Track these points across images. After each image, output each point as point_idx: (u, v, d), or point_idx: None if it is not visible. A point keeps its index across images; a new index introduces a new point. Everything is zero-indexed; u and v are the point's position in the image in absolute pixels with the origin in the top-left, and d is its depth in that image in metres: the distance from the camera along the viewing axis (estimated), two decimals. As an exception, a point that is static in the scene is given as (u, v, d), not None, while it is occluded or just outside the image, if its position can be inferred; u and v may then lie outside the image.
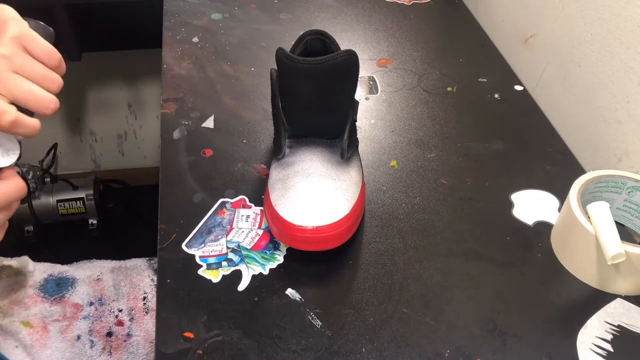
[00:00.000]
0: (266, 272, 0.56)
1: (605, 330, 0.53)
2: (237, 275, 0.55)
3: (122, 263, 0.87)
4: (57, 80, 0.49)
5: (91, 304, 0.79)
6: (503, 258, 0.59)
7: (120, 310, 0.79)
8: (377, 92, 0.81)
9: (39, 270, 0.82)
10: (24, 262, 0.80)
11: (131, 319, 0.78)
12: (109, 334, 0.76)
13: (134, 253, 0.94)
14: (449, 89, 0.83)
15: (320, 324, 0.52)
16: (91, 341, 0.75)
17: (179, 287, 0.54)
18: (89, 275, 0.83)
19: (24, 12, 0.50)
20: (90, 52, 1.43)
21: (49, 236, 1.59)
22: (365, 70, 0.85)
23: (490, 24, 0.97)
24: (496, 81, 0.84)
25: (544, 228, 0.62)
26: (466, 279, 0.57)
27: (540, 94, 0.82)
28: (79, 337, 0.75)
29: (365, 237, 0.60)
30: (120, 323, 0.78)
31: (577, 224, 0.55)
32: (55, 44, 0.51)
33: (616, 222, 0.54)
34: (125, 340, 0.76)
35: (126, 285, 0.82)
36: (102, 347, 0.75)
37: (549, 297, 0.56)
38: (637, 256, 0.53)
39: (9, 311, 0.76)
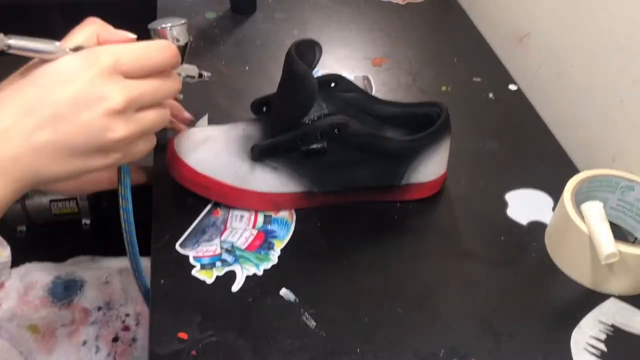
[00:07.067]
0: (260, 273, 0.56)
1: (599, 330, 0.53)
2: (231, 276, 0.55)
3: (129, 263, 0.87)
4: (173, 88, 0.46)
5: (99, 308, 0.79)
6: (497, 258, 0.59)
7: (128, 315, 0.78)
8: (372, 92, 0.81)
9: (45, 272, 0.82)
10: None
11: (137, 324, 0.78)
12: (115, 339, 0.76)
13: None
14: (443, 88, 0.82)
15: (315, 324, 0.52)
16: (97, 346, 0.75)
17: (173, 288, 0.54)
18: (97, 277, 0.82)
19: (20, 11, 0.51)
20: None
21: (42, 236, 1.58)
22: (360, 69, 0.85)
23: (484, 23, 0.97)
24: (490, 80, 0.84)
25: (538, 228, 0.62)
26: (460, 279, 0.57)
27: (535, 94, 0.82)
28: (85, 343, 0.75)
29: (360, 236, 0.60)
30: (126, 328, 0.77)
31: (571, 224, 0.55)
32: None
33: (610, 222, 0.54)
34: (130, 345, 0.76)
35: (135, 290, 0.82)
36: (107, 352, 0.74)
37: (543, 297, 0.56)
38: (630, 256, 0.53)
39: (17, 312, 0.76)
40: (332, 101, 0.62)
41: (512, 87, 0.83)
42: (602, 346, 0.51)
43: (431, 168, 0.62)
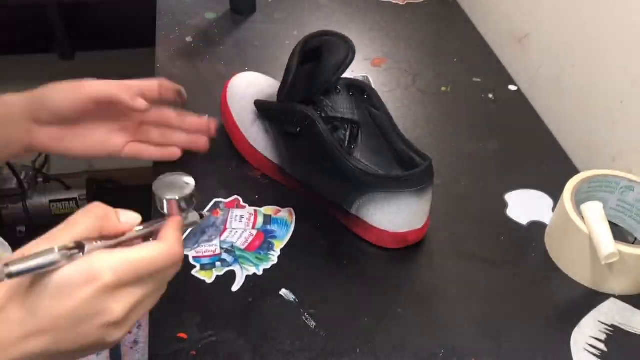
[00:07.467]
0: (260, 273, 0.56)
1: (599, 330, 0.53)
2: (231, 276, 0.55)
3: None
4: (173, 274, 0.44)
5: None
6: (497, 258, 0.59)
7: None
8: (371, 92, 0.81)
9: None
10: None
11: (139, 326, 0.78)
12: None
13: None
14: (443, 88, 0.83)
15: (315, 324, 0.52)
16: None
17: (173, 288, 0.54)
18: None
19: (18, 11, 0.49)
20: (84, 51, 1.42)
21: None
22: (359, 70, 0.85)
23: (484, 24, 0.97)
24: (490, 81, 0.84)
25: (538, 228, 0.62)
26: (460, 279, 0.57)
27: (535, 94, 0.83)
28: None
29: (360, 236, 0.60)
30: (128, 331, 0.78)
31: (571, 224, 0.55)
32: (50, 47, 0.49)
33: (610, 222, 0.55)
34: (131, 348, 0.76)
35: None
36: (108, 355, 0.74)
37: (543, 297, 0.56)
38: (630, 256, 0.53)
39: None
40: (361, 110, 0.62)
41: (512, 87, 0.84)
42: (602, 346, 0.51)
43: (384, 216, 0.56)
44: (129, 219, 0.44)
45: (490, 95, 0.82)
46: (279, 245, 0.58)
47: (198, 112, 0.75)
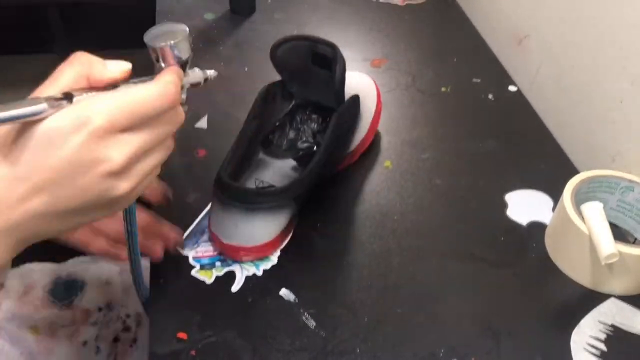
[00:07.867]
0: (260, 273, 0.56)
1: (599, 330, 0.53)
2: (230, 276, 0.55)
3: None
4: (177, 123, 0.42)
5: (100, 309, 0.79)
6: (497, 258, 0.59)
7: (128, 316, 0.78)
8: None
9: (45, 272, 0.81)
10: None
11: (138, 324, 0.78)
12: (116, 340, 0.76)
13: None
14: (442, 89, 0.83)
15: (315, 324, 0.52)
16: (97, 347, 0.75)
17: (173, 288, 0.54)
18: (98, 277, 0.82)
19: (18, 11, 0.49)
20: (83, 51, 1.42)
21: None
22: (359, 71, 0.85)
23: (484, 25, 0.97)
24: (490, 82, 0.84)
25: (537, 228, 0.62)
26: (460, 279, 0.57)
27: (534, 95, 0.83)
28: (85, 343, 0.75)
29: (360, 237, 0.60)
30: (127, 329, 0.77)
31: (570, 224, 0.55)
32: (50, 47, 0.49)
33: (610, 222, 0.55)
34: (130, 346, 0.76)
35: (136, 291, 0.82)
36: (107, 353, 0.74)
37: (542, 297, 0.56)
38: (630, 256, 0.53)
39: (17, 313, 0.76)
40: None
41: (512, 88, 0.84)
42: (602, 346, 0.51)
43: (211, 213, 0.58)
44: (118, 66, 0.40)
45: (490, 96, 0.82)
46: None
47: (197, 111, 0.75)
